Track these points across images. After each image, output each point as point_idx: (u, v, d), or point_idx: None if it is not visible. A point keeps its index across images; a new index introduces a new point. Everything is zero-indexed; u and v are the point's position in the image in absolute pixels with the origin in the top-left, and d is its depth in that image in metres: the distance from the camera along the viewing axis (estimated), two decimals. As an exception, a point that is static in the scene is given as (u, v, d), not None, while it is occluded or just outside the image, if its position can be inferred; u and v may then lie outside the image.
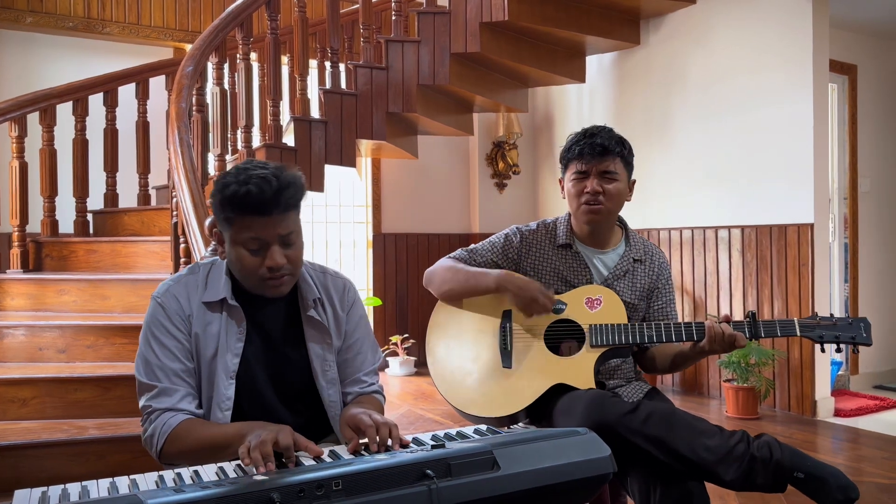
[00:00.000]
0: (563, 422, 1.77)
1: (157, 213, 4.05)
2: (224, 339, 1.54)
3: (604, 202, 1.96)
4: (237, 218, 1.47)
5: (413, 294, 5.95)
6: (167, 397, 1.50)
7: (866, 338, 1.84)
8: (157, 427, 1.48)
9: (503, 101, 5.11)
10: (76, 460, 2.64)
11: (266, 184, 1.43)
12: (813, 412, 4.23)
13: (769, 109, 4.39)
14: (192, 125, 3.53)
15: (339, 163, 4.22)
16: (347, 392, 1.67)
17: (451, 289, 2.02)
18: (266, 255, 1.48)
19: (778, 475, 1.63)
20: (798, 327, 1.85)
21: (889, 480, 3.12)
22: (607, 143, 1.97)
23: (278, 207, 1.45)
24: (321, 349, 1.63)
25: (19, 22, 4.89)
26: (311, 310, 1.62)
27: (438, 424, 4.11)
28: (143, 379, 1.52)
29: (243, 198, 1.43)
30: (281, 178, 1.45)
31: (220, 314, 1.56)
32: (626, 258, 2.04)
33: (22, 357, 3.15)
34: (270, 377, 1.60)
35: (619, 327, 1.90)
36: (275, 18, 3.93)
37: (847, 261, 5.11)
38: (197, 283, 1.58)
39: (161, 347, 1.52)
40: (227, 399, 1.54)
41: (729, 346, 1.81)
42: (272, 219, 1.46)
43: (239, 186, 1.43)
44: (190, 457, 1.45)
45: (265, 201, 1.43)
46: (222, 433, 1.44)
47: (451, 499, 1.13)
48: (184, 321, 1.54)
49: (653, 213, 5.10)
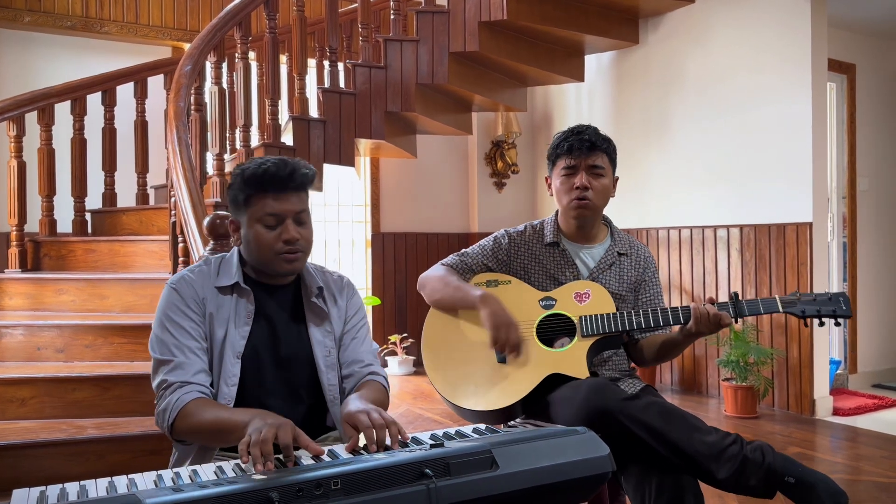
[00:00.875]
0: (563, 410, 1.79)
1: (156, 213, 4.04)
2: (233, 320, 1.64)
3: (592, 197, 2.03)
4: (256, 196, 1.61)
5: (412, 294, 5.95)
6: (182, 371, 1.56)
7: (846, 310, 1.89)
8: (170, 402, 1.53)
9: (502, 101, 5.11)
10: (74, 460, 2.63)
11: (282, 163, 1.61)
12: (812, 411, 4.23)
13: (768, 109, 4.40)
14: (190, 124, 3.53)
15: (338, 162, 4.22)
16: (348, 374, 1.73)
17: (440, 299, 2.09)
18: (282, 229, 1.61)
19: (769, 478, 1.66)
20: (780, 304, 1.90)
21: (888, 479, 3.12)
22: (594, 138, 2.04)
23: (293, 183, 1.62)
24: (322, 335, 1.72)
25: (17, 21, 4.88)
26: (314, 297, 1.72)
27: (437, 424, 4.11)
28: (158, 356, 1.59)
29: (262, 175, 1.59)
30: (294, 161, 1.64)
31: (231, 296, 1.66)
32: (611, 251, 2.10)
33: (20, 357, 3.15)
34: (274, 359, 1.67)
35: (608, 316, 1.95)
36: (273, 17, 3.93)
37: (846, 260, 5.11)
38: (210, 272, 1.69)
39: (177, 327, 1.60)
40: (234, 375, 1.62)
41: (715, 326, 1.86)
42: (288, 195, 1.61)
43: (258, 167, 1.60)
44: (198, 435, 1.52)
45: (282, 177, 1.60)
46: (229, 418, 1.48)
47: (450, 498, 1.13)
48: (198, 304, 1.63)
49: (652, 212, 5.10)
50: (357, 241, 6.01)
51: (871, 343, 5.22)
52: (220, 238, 2.42)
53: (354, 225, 6.00)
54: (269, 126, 3.98)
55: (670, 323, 1.95)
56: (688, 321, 1.90)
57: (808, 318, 1.90)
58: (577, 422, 1.66)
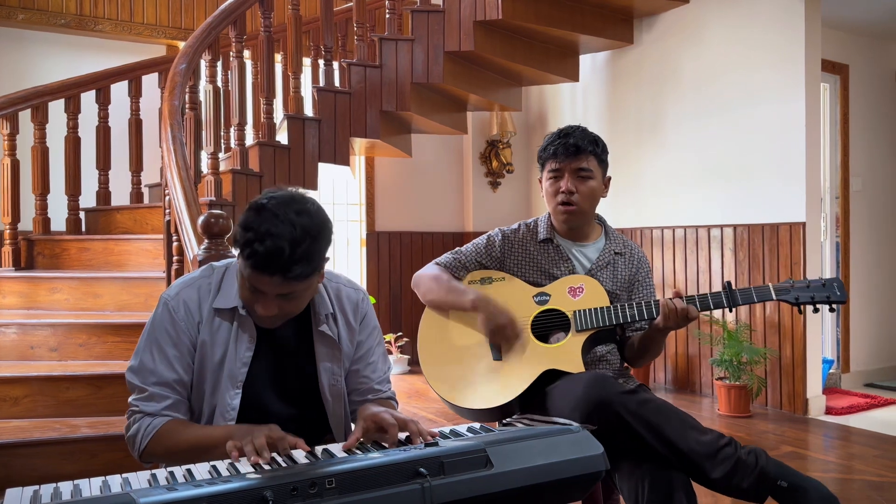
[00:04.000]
0: (561, 402, 1.79)
1: (150, 212, 4.03)
2: (233, 348, 1.53)
3: (578, 201, 2.03)
4: (242, 258, 1.42)
5: (406, 292, 5.94)
6: (154, 403, 1.50)
7: (840, 296, 1.88)
8: (141, 427, 1.49)
9: (497, 100, 5.11)
10: (68, 459, 2.62)
11: (278, 252, 1.35)
12: (804, 410, 4.25)
13: (762, 109, 4.41)
14: (185, 123, 3.52)
15: (333, 161, 4.22)
16: (361, 400, 1.67)
17: (433, 299, 2.08)
18: (260, 301, 1.44)
19: (762, 482, 1.67)
20: (773, 291, 1.90)
21: (879, 478, 3.14)
22: (580, 142, 2.03)
23: (281, 274, 1.38)
24: (331, 363, 1.63)
25: (11, 19, 4.86)
26: (324, 325, 1.61)
27: (432, 423, 4.12)
28: (134, 381, 1.52)
29: (250, 256, 1.38)
30: (298, 250, 1.37)
31: (231, 323, 1.54)
32: (607, 251, 2.11)
33: (13, 355, 3.14)
34: (276, 389, 1.59)
35: (602, 309, 1.96)
36: (268, 16, 3.93)
37: (839, 259, 5.13)
38: (210, 287, 1.56)
39: (160, 353, 1.52)
40: (232, 409, 1.53)
41: (683, 320, 1.89)
42: (273, 279, 1.39)
43: (254, 238, 1.37)
44: (174, 457, 1.45)
45: (269, 266, 1.37)
46: (207, 435, 1.45)
47: (445, 497, 1.14)
48: (190, 328, 1.53)
49: (645, 211, 5.11)
50: (352, 239, 6.00)
51: (863, 342, 5.24)
52: (214, 237, 2.41)
53: (349, 224, 6.00)
54: (264, 125, 3.97)
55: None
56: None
57: (801, 304, 1.89)
58: (576, 414, 1.67)
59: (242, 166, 3.80)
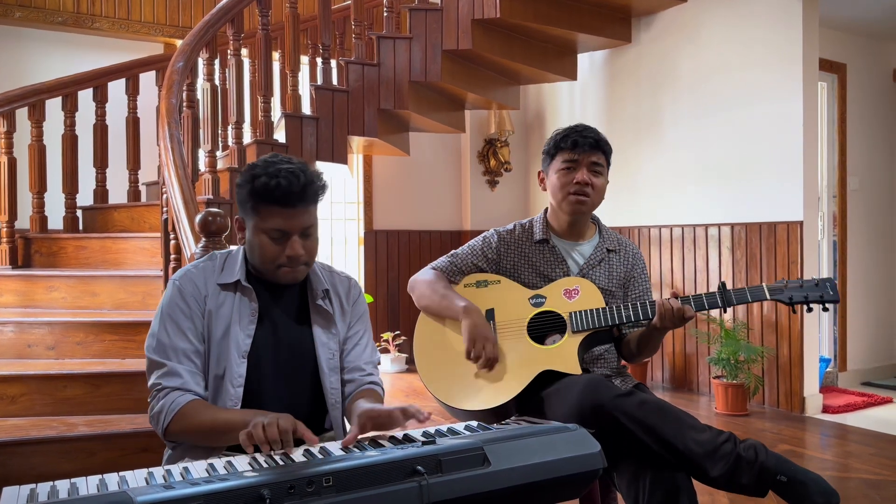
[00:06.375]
0: (557, 406, 1.79)
1: (147, 210, 4.03)
2: (236, 319, 1.62)
3: (591, 194, 2.04)
4: (263, 208, 1.55)
5: (404, 291, 5.91)
6: (177, 377, 1.57)
7: (833, 295, 1.90)
8: (165, 404, 1.54)
9: (495, 99, 5.11)
10: (65, 457, 2.62)
11: (294, 178, 1.53)
12: (801, 409, 4.25)
13: (759, 108, 4.41)
14: (182, 121, 3.51)
15: (331, 159, 4.21)
16: (348, 379, 1.73)
17: (427, 305, 2.10)
18: (287, 244, 1.57)
19: (762, 477, 1.67)
20: (768, 291, 1.91)
21: (876, 476, 3.14)
22: (598, 137, 2.07)
23: (303, 201, 1.55)
24: (326, 337, 1.70)
25: (8, 16, 4.85)
26: (320, 299, 1.71)
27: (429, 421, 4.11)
28: (154, 357, 1.59)
29: (273, 190, 1.52)
30: (307, 174, 1.56)
31: (234, 294, 1.64)
32: (600, 248, 2.12)
33: (10, 354, 3.13)
34: (276, 359, 1.66)
35: (597, 311, 1.97)
36: (266, 14, 3.92)
37: (836, 258, 5.14)
38: (214, 268, 1.67)
39: (174, 327, 1.59)
40: (239, 376, 1.60)
41: (680, 320, 1.89)
42: (297, 211, 1.55)
43: (269, 179, 1.52)
44: (194, 436, 1.54)
45: (293, 194, 1.53)
46: (226, 419, 1.51)
47: (442, 495, 1.14)
48: (199, 302, 1.62)
49: (643, 210, 5.11)
50: (350, 238, 6.00)
51: (860, 341, 5.25)
52: (211, 235, 2.41)
53: (347, 222, 5.99)
54: (262, 123, 3.97)
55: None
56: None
57: (795, 304, 1.91)
58: (572, 418, 1.67)
59: (240, 165, 3.80)
